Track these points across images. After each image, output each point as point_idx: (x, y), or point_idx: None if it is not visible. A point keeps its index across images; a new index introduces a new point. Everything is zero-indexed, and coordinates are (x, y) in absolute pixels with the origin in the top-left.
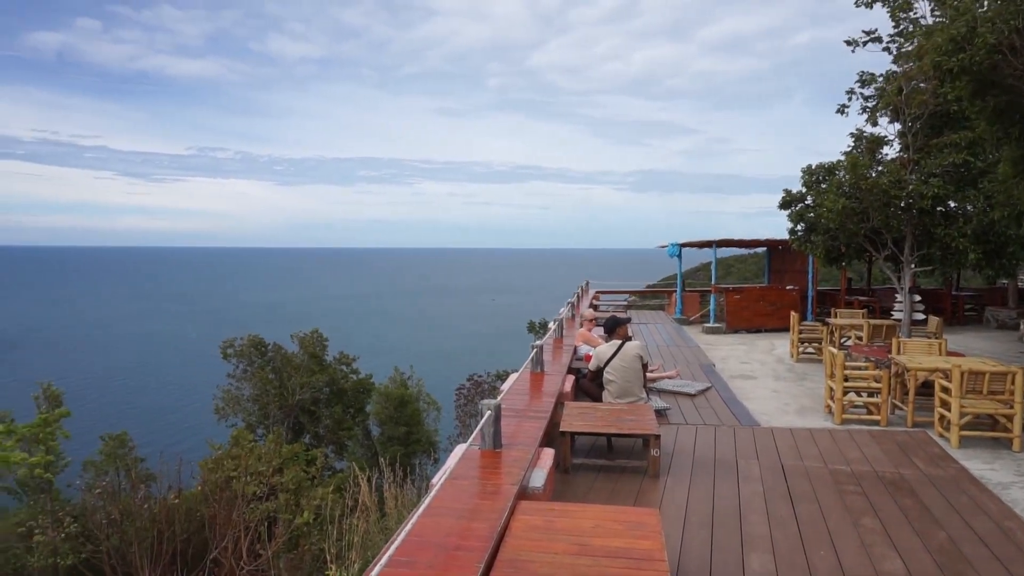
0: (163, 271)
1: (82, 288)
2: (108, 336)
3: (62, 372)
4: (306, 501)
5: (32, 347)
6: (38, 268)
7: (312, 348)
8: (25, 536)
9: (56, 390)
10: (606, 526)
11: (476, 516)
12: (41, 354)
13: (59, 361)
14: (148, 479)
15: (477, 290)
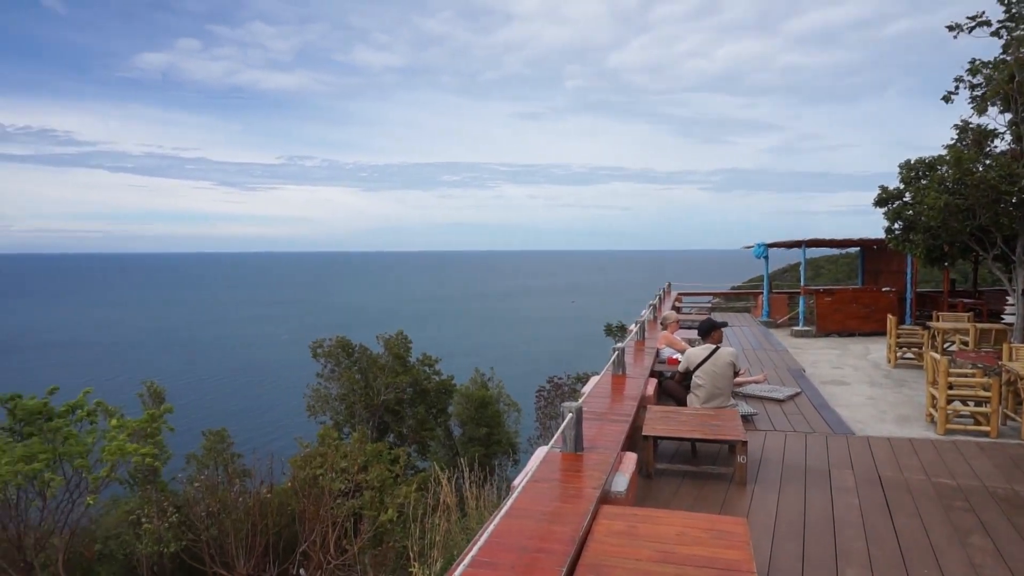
0: (257, 275)
1: (185, 293)
2: (208, 338)
3: (169, 371)
4: (390, 499)
5: (144, 347)
6: (148, 274)
7: (397, 349)
8: (134, 524)
9: (159, 387)
10: (691, 534)
11: (558, 519)
12: (151, 354)
13: (167, 360)
14: (244, 474)
15: (557, 292)
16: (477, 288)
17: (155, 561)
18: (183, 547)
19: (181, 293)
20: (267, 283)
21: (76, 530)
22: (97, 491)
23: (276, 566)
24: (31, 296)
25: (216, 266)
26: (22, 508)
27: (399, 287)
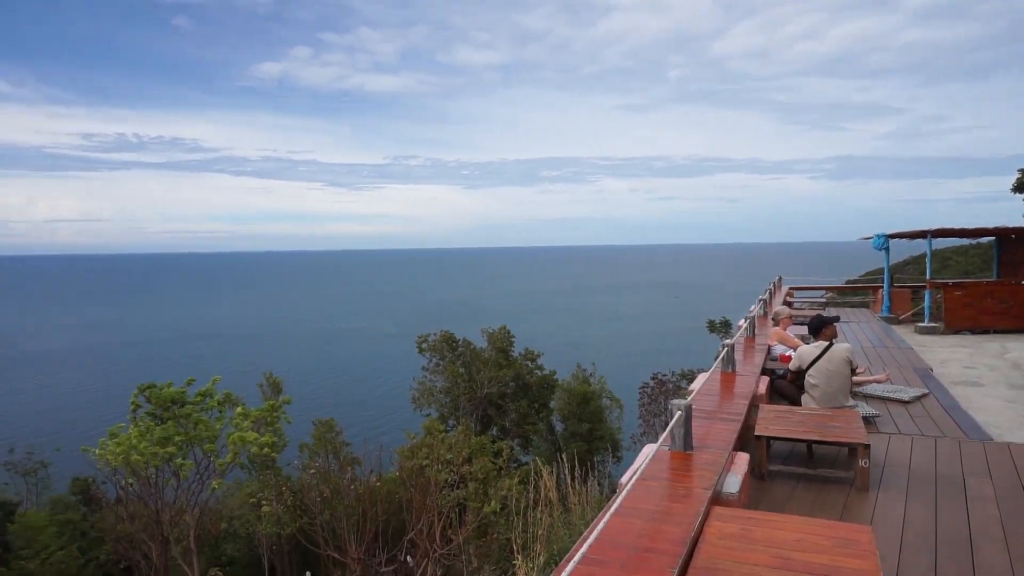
0: (365, 272)
1: (299, 288)
2: (321, 331)
3: (284, 362)
4: (493, 491)
5: (265, 340)
6: (267, 271)
7: (500, 344)
8: (255, 506)
9: (277, 379)
10: (811, 540)
11: (668, 519)
12: (269, 346)
13: (282, 352)
14: (353, 462)
15: (660, 287)
16: (578, 283)
17: (274, 541)
18: (299, 529)
19: (295, 289)
20: (374, 279)
21: (205, 509)
22: (223, 475)
23: (385, 552)
24: (164, 293)
25: (327, 263)
26: (160, 487)
27: (501, 283)
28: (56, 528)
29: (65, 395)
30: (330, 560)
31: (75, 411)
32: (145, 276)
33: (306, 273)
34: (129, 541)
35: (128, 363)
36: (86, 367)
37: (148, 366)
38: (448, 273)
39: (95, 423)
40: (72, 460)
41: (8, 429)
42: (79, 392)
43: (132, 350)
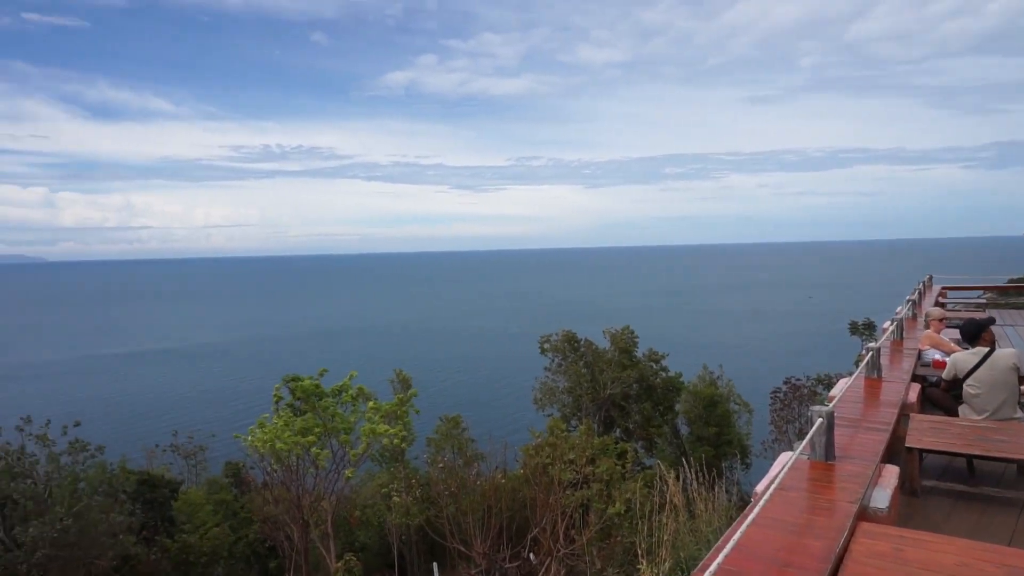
0: (489, 272)
1: (426, 288)
2: (448, 330)
3: (412, 358)
4: (617, 493)
5: (393, 337)
6: (396, 272)
7: (623, 344)
8: (386, 496)
9: (406, 374)
10: (977, 566)
11: (809, 532)
12: (400, 343)
13: (411, 349)
14: (478, 458)
15: (791, 286)
16: (703, 282)
17: (403, 531)
18: (426, 521)
19: (423, 289)
20: (498, 279)
21: (340, 497)
22: (355, 465)
23: (509, 548)
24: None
25: (452, 264)
26: (300, 474)
27: (624, 282)
28: (212, 507)
29: (219, 385)
30: (456, 553)
31: (228, 400)
32: (286, 277)
33: (433, 274)
34: (274, 523)
35: (272, 357)
36: (237, 360)
37: (290, 361)
38: (570, 273)
39: (245, 412)
40: (225, 445)
41: (172, 415)
42: (231, 383)
43: (275, 345)
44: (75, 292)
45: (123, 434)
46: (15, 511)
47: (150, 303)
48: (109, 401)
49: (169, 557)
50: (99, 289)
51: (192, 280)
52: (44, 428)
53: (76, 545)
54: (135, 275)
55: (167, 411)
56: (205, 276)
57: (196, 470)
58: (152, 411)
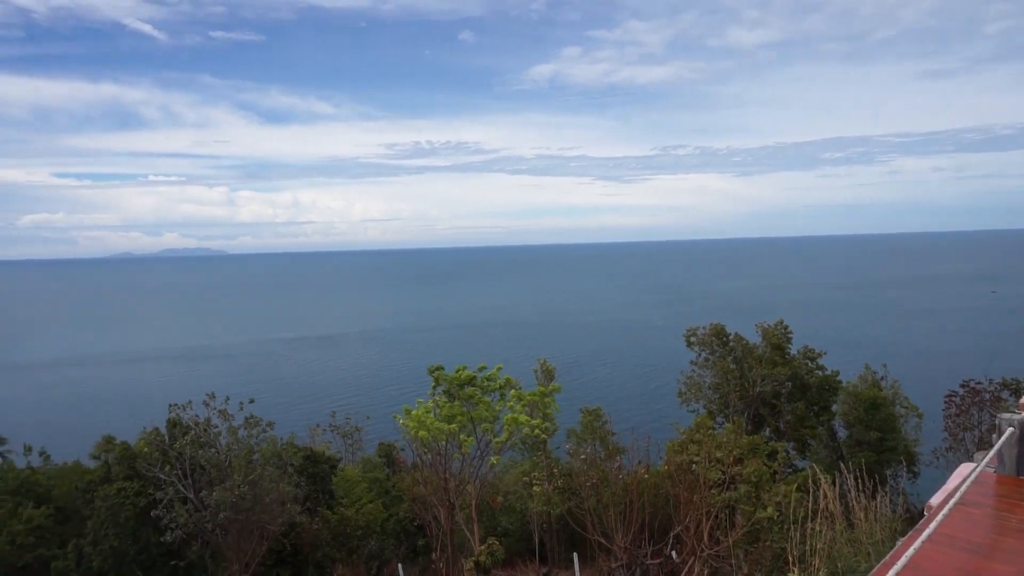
0: (633, 264)
1: (570, 280)
2: (592, 322)
3: (556, 350)
4: (767, 496)
5: (536, 328)
6: (540, 264)
7: (775, 339)
8: (527, 485)
9: (550, 366)
10: None
11: (997, 556)
12: (543, 334)
13: (555, 340)
14: (620, 452)
15: (970, 280)
16: (866, 276)
17: (544, 519)
18: (567, 511)
19: (566, 281)
20: (642, 271)
21: (484, 482)
22: (499, 453)
23: (651, 544)
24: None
25: (596, 256)
26: (447, 458)
27: (776, 275)
28: (366, 484)
29: (374, 371)
30: (596, 545)
31: (381, 385)
32: (435, 269)
33: (576, 266)
34: (422, 503)
35: (425, 345)
36: (391, 347)
37: (440, 348)
38: (717, 264)
39: (398, 396)
40: (379, 427)
41: (332, 397)
42: (385, 368)
43: (427, 334)
44: (250, 282)
45: (289, 412)
46: (202, 476)
47: (314, 293)
48: (278, 381)
49: (329, 527)
50: (270, 279)
51: (350, 271)
52: (225, 404)
53: (251, 510)
54: (301, 266)
55: (327, 393)
56: (362, 267)
57: (352, 449)
58: (314, 392)
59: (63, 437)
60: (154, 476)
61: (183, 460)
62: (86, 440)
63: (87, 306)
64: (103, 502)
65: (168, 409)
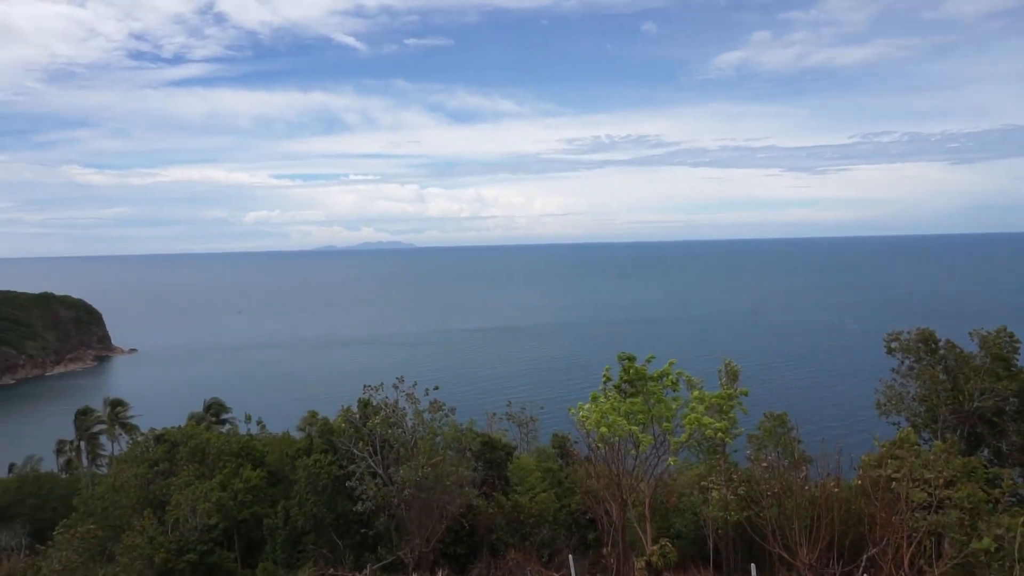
0: (824, 261)
1: (755, 277)
2: (780, 323)
3: (737, 349)
4: (985, 526)
5: (720, 327)
6: (722, 259)
7: (997, 350)
8: (704, 488)
9: (735, 366)
10: None
11: None
12: (727, 333)
13: (740, 340)
14: (806, 461)
15: None
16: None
17: (719, 525)
18: (746, 519)
19: (750, 277)
20: (835, 269)
21: (658, 482)
22: (676, 453)
23: (840, 564)
24: (630, 278)
25: (784, 252)
26: (622, 454)
27: (1001, 275)
28: (540, 473)
29: (549, 363)
30: (777, 558)
31: (556, 377)
32: (613, 263)
33: (761, 262)
34: (594, 496)
35: (600, 339)
36: (567, 340)
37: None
38: (925, 263)
39: (572, 389)
40: (553, 417)
41: (509, 386)
42: (561, 360)
43: (603, 328)
44: (437, 274)
45: (469, 399)
46: (390, 453)
47: (495, 285)
48: (460, 369)
49: (503, 512)
50: (455, 271)
51: (530, 265)
52: (412, 388)
53: (432, 489)
54: (484, 260)
55: (504, 382)
56: (541, 261)
57: (527, 438)
58: (492, 381)
59: (276, 409)
60: (348, 450)
61: (374, 438)
62: (294, 413)
63: (298, 294)
64: (304, 471)
65: (363, 389)
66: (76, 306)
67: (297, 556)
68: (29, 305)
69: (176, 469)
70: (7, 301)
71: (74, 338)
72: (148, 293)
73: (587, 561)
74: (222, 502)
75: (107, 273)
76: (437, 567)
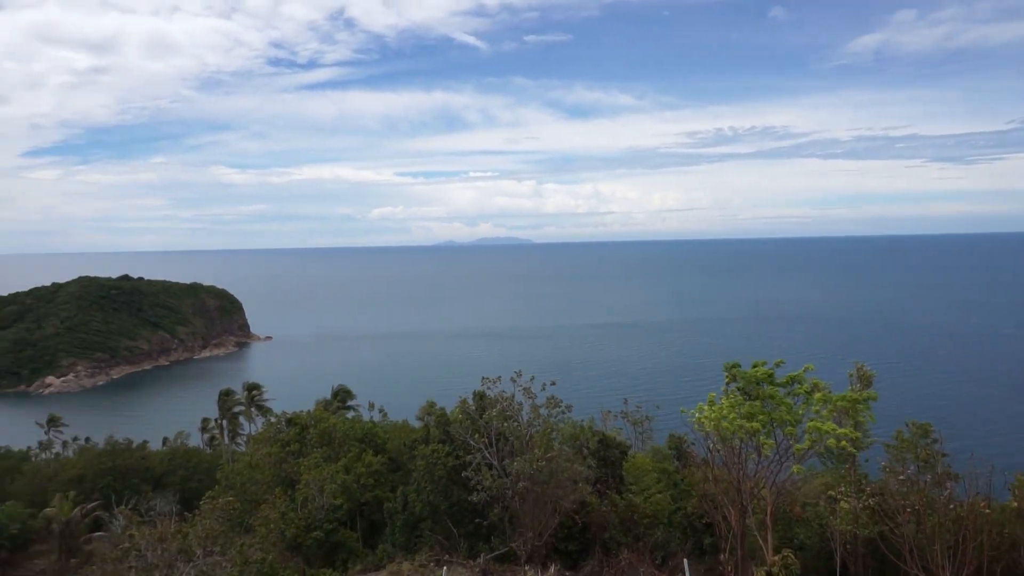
0: (975, 259)
1: (893, 275)
2: (922, 325)
3: (877, 353)
4: None
5: (852, 328)
6: (853, 257)
7: None
8: (831, 499)
9: (869, 371)
10: None
11: None
12: (859, 335)
13: (871, 342)
14: (951, 477)
15: None
16: None
17: (848, 539)
18: (879, 534)
19: (887, 275)
20: (987, 268)
21: (781, 490)
22: (801, 461)
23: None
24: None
25: (926, 248)
26: (742, 458)
27: None
28: (656, 474)
29: (667, 362)
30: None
31: (674, 376)
32: (736, 260)
33: (902, 259)
34: (712, 501)
35: (721, 338)
36: (686, 338)
37: (737, 343)
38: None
39: (690, 389)
40: (668, 418)
41: (624, 384)
42: (679, 359)
43: (725, 326)
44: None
45: (584, 395)
46: (505, 445)
47: (613, 281)
48: (576, 364)
49: (617, 511)
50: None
51: (649, 261)
52: (529, 382)
53: (547, 484)
54: (601, 255)
55: (620, 379)
56: (660, 257)
57: (642, 437)
58: (608, 378)
59: (396, 398)
60: (464, 441)
61: (490, 430)
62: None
63: (419, 288)
64: (422, 459)
65: (480, 382)
66: (221, 296)
67: (415, 540)
68: (181, 294)
69: (305, 450)
70: (164, 290)
71: (218, 325)
72: (283, 285)
73: (703, 567)
74: (347, 484)
75: (247, 265)
76: (549, 561)
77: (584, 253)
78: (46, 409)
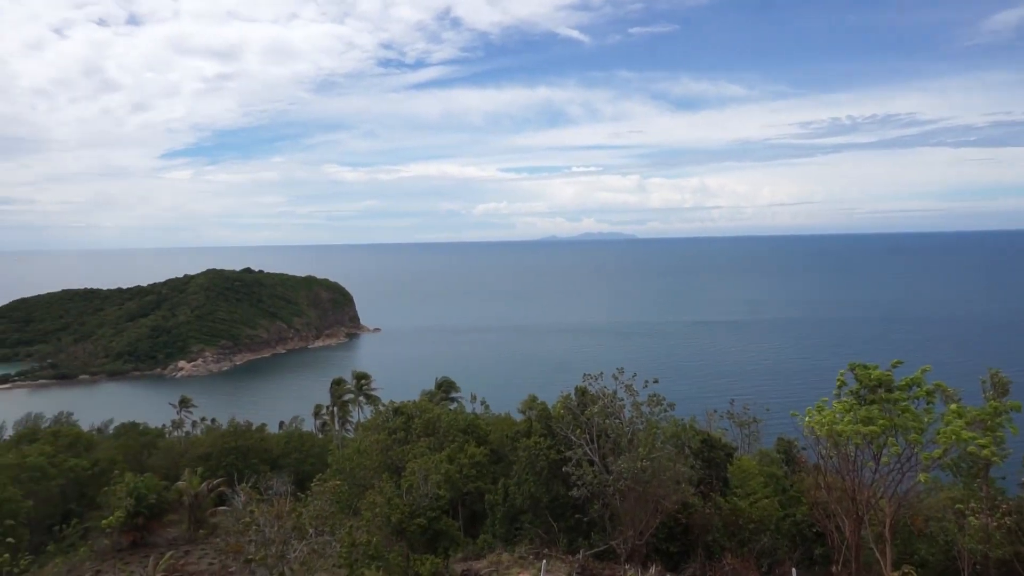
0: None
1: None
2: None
3: (1010, 357)
4: None
5: (983, 331)
6: (990, 252)
7: None
8: (959, 514)
9: (1005, 378)
10: None
11: None
12: (991, 339)
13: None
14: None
15: None
16: None
17: (978, 560)
18: (1014, 555)
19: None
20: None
21: (903, 501)
22: (928, 470)
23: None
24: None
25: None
26: (858, 466)
27: None
28: (763, 478)
29: (778, 362)
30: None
31: (785, 377)
32: (855, 256)
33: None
34: (824, 509)
35: (837, 338)
36: (800, 338)
37: (856, 344)
38: None
39: (802, 391)
40: (777, 421)
41: (731, 384)
42: (790, 360)
43: (841, 326)
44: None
45: (688, 393)
46: (606, 443)
47: (721, 277)
48: (681, 362)
49: (720, 515)
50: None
51: (759, 256)
52: (631, 379)
53: (649, 483)
54: (708, 251)
55: (727, 379)
56: (771, 253)
57: (748, 440)
58: (714, 377)
59: (498, 391)
60: (565, 436)
61: (591, 426)
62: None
63: (523, 282)
64: (524, 452)
65: (582, 377)
66: (333, 288)
67: (515, 532)
68: (297, 286)
69: (411, 439)
70: (281, 282)
71: (331, 316)
72: (391, 278)
73: None
74: (449, 474)
75: (357, 259)
76: (650, 561)
77: (689, 248)
78: (178, 391)
